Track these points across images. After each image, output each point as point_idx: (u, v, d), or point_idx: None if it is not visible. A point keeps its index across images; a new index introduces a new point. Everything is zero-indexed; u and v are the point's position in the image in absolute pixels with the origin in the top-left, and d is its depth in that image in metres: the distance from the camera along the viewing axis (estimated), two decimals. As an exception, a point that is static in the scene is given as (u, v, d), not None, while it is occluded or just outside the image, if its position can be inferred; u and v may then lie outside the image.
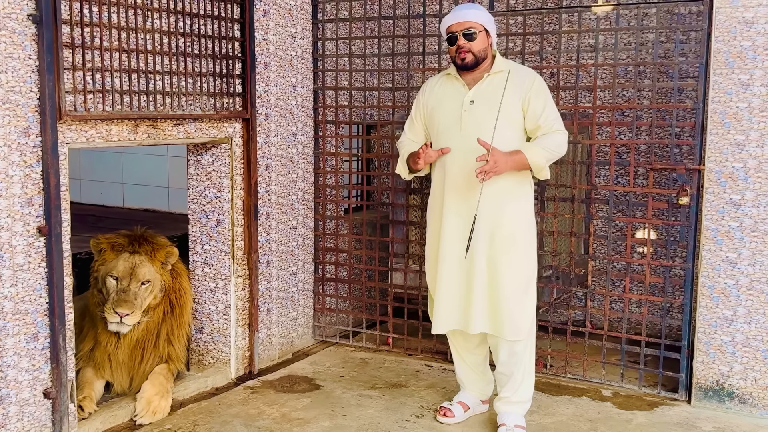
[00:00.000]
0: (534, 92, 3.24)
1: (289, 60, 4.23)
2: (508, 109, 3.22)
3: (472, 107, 3.26)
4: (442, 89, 3.40)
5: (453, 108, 3.31)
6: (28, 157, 2.91)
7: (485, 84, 3.28)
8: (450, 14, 3.32)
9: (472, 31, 3.22)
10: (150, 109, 3.34)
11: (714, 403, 3.63)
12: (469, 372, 3.56)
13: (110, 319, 3.38)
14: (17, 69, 2.84)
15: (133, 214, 7.89)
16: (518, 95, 3.23)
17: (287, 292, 4.36)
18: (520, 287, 3.25)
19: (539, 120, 3.23)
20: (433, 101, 3.42)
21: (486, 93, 3.27)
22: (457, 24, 3.25)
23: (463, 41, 3.23)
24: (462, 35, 3.23)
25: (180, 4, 3.47)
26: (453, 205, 3.29)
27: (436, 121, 3.38)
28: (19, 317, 2.93)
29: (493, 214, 3.22)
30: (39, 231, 2.96)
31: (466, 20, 3.24)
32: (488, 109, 3.23)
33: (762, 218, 3.49)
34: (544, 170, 3.24)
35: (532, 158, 3.18)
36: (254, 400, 3.71)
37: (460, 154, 3.24)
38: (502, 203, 3.23)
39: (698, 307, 3.64)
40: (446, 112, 3.34)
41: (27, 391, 2.98)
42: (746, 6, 3.44)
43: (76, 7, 3.01)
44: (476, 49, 3.23)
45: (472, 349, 3.51)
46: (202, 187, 3.94)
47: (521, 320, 3.24)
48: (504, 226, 3.23)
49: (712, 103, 3.55)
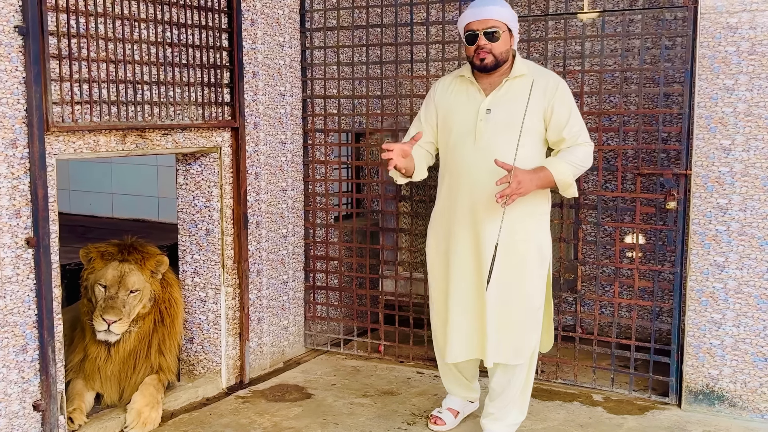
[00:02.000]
0: (558, 99, 2.95)
1: (278, 69, 4.24)
2: (531, 120, 2.93)
3: (488, 116, 2.95)
4: (455, 94, 3.08)
5: (466, 117, 3.00)
6: (16, 168, 2.91)
7: (504, 90, 2.97)
8: (470, 10, 2.95)
9: (495, 30, 2.89)
10: (138, 119, 3.34)
11: (704, 407, 3.64)
12: (457, 383, 3.47)
13: (98, 327, 3.36)
14: (4, 81, 2.84)
15: (122, 224, 7.86)
16: (541, 103, 2.94)
17: (278, 300, 4.35)
18: (530, 313, 3.07)
19: (563, 131, 2.94)
20: (444, 106, 3.09)
21: (505, 101, 2.96)
22: (479, 22, 2.91)
23: (484, 41, 2.90)
24: (483, 34, 2.90)
25: (167, 14, 3.47)
26: (464, 227, 3.04)
27: (447, 130, 3.07)
28: (8, 329, 2.92)
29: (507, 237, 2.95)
30: (27, 242, 2.95)
31: (489, 17, 2.90)
32: (508, 120, 2.92)
33: (749, 222, 3.51)
34: (572, 187, 2.97)
35: (559, 176, 2.90)
36: (245, 410, 3.71)
37: (473, 169, 2.97)
38: (516, 224, 2.97)
39: (687, 311, 3.66)
40: (459, 122, 3.02)
41: (16, 404, 2.96)
42: (730, 12, 3.47)
43: (62, 19, 3.01)
44: (498, 51, 2.91)
45: (473, 374, 3.45)
46: (192, 196, 3.94)
47: (526, 344, 3.09)
48: (517, 249, 2.99)
49: (698, 108, 3.57)
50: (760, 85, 3.45)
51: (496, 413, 3.26)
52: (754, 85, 3.46)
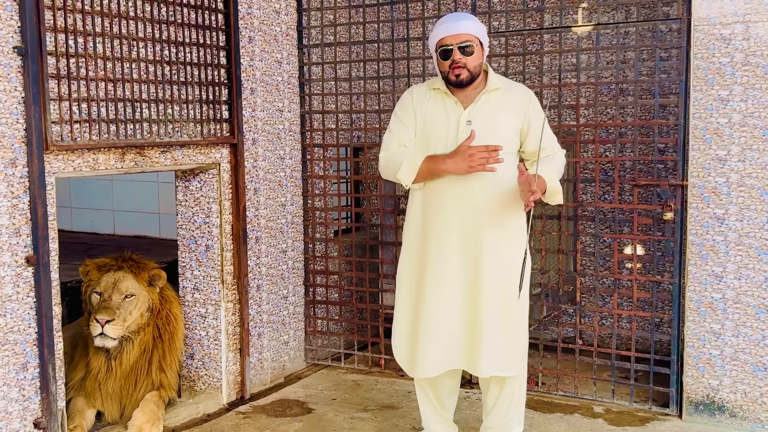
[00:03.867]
0: (533, 112, 3.02)
1: (276, 85, 4.27)
2: (510, 132, 2.99)
3: (469, 128, 2.95)
4: (432, 105, 3.07)
5: (446, 128, 3.01)
6: (15, 187, 2.93)
7: (481, 103, 3.00)
8: (442, 24, 2.97)
9: (469, 44, 2.91)
10: (137, 137, 3.37)
11: (705, 417, 3.64)
12: (437, 417, 3.31)
13: (93, 332, 3.37)
14: (3, 100, 2.87)
15: (124, 240, 7.88)
16: (517, 116, 3.01)
17: (278, 315, 4.36)
18: (521, 322, 3.08)
19: (542, 142, 2.96)
20: (422, 115, 3.08)
21: (483, 113, 2.99)
22: (453, 36, 2.92)
23: (459, 56, 2.91)
24: (458, 49, 2.91)
25: (165, 33, 3.50)
26: (451, 236, 3.00)
27: (425, 140, 3.07)
28: (8, 347, 2.93)
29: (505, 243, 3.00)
30: (27, 261, 2.97)
31: (463, 32, 2.91)
32: (488, 132, 2.94)
33: (746, 232, 3.52)
34: (559, 195, 3.01)
35: (551, 183, 2.93)
36: (246, 426, 3.71)
37: (459, 179, 2.94)
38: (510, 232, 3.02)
39: (686, 322, 3.67)
40: (438, 133, 3.03)
41: (17, 422, 2.97)
42: (723, 23, 3.50)
43: (61, 39, 3.05)
44: (472, 65, 2.94)
45: (447, 394, 3.28)
46: (191, 212, 3.96)
47: (521, 354, 3.09)
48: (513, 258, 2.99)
49: (693, 119, 3.59)
50: (754, 95, 3.47)
51: (494, 427, 3.24)
52: (748, 96, 3.48)
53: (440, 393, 3.28)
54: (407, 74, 4.29)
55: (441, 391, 3.28)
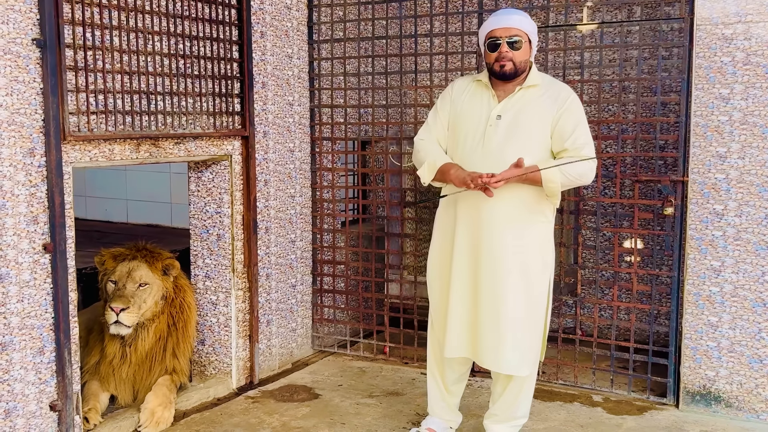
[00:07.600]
0: (567, 110, 2.98)
1: (286, 79, 4.35)
2: (539, 129, 2.98)
3: (498, 122, 2.99)
4: (470, 97, 3.12)
5: (477, 121, 3.05)
6: (33, 176, 3.01)
7: (515, 98, 3.02)
8: (493, 18, 3.03)
9: (517, 39, 2.96)
10: (151, 128, 3.45)
11: (701, 407, 3.72)
12: (443, 403, 3.42)
13: (108, 320, 3.46)
14: (22, 92, 2.95)
15: (136, 229, 8.00)
16: (550, 113, 2.98)
17: (286, 303, 4.46)
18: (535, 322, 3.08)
19: (566, 142, 2.95)
20: (458, 106, 3.13)
21: (516, 108, 3.01)
22: (503, 30, 2.97)
23: (506, 49, 2.95)
24: (506, 42, 2.96)
25: (180, 27, 3.59)
26: (466, 228, 3.07)
27: (458, 130, 3.11)
28: (26, 332, 3.01)
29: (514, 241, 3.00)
30: (44, 248, 3.05)
31: (513, 26, 2.96)
32: (517, 127, 2.97)
33: (744, 227, 3.59)
34: (556, 197, 2.99)
35: (548, 183, 2.90)
36: (255, 410, 3.81)
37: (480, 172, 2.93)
38: (524, 230, 3.02)
39: (684, 314, 3.75)
40: (468, 125, 3.07)
41: (34, 404, 3.06)
42: (725, 23, 3.56)
43: (78, 32, 3.12)
44: (518, 60, 2.97)
45: (456, 380, 3.37)
46: (203, 203, 4.06)
47: (533, 355, 3.11)
48: (523, 255, 3.01)
49: (694, 117, 3.66)
50: (754, 94, 3.53)
51: (499, 414, 3.32)
52: (749, 95, 3.54)
53: (448, 379, 3.37)
54: (414, 70, 4.37)
55: (450, 377, 3.37)
